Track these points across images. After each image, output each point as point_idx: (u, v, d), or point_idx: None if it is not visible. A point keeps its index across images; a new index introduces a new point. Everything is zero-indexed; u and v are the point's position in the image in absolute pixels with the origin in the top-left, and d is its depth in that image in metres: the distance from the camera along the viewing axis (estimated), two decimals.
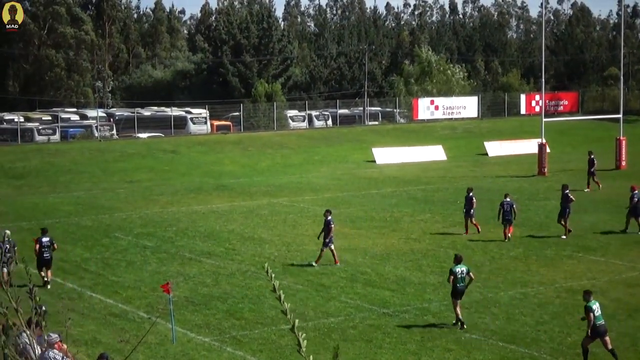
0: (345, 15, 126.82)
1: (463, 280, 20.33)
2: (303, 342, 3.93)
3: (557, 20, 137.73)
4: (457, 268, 20.43)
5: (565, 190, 30.63)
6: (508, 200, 30.40)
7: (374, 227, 33.04)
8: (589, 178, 41.96)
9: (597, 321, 17.58)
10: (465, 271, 20.50)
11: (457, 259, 20.91)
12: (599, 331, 17.56)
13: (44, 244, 25.02)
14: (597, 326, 17.54)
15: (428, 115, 71.95)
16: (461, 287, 20.24)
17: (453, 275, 20.29)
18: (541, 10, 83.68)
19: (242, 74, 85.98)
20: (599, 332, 17.56)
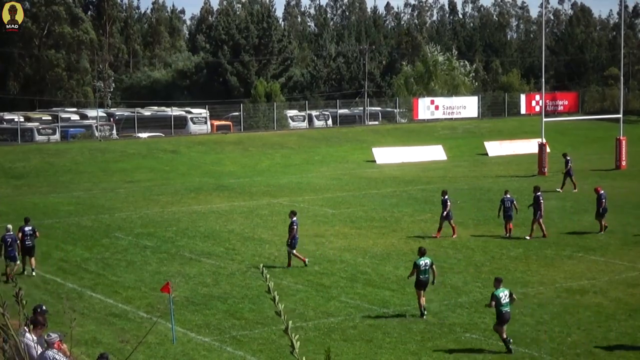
0: (345, 15, 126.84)
1: (426, 273, 20.99)
2: (296, 343, 3.95)
3: (557, 20, 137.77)
4: (420, 261, 21.02)
5: (537, 192, 30.56)
6: (508, 197, 30.95)
7: (374, 227, 33.03)
8: (564, 179, 41.89)
9: (503, 308, 18.32)
10: (428, 264, 21.08)
11: (420, 251, 21.51)
12: (503, 318, 18.31)
13: (26, 232, 25.99)
14: (503, 313, 18.34)
15: (428, 115, 71.97)
16: (424, 279, 20.94)
17: (417, 268, 20.97)
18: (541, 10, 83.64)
19: (241, 73, 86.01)
20: (504, 319, 18.32)
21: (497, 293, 18.44)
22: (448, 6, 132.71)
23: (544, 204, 30.41)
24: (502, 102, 79.32)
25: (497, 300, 18.35)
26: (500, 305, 18.31)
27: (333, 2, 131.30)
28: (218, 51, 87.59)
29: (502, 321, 18.41)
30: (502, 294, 18.42)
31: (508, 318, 18.45)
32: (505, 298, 18.42)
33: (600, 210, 31.02)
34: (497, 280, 18.97)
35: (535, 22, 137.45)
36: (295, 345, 3.90)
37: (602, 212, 30.95)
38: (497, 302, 18.34)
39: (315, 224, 33.92)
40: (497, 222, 32.53)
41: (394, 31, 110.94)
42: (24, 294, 4.27)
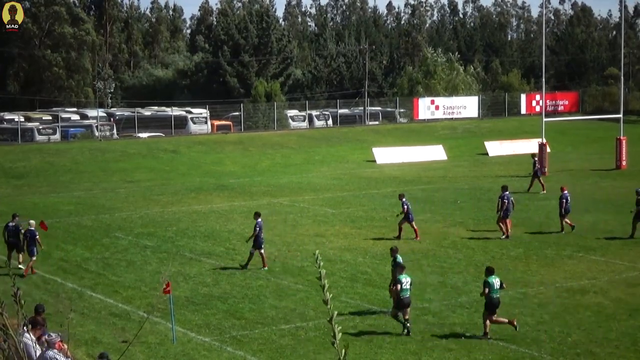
0: (345, 15, 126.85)
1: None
2: (339, 334, 3.90)
3: (557, 20, 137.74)
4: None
5: (504, 191, 30.52)
6: (507, 194, 30.92)
7: (374, 227, 33.03)
8: (535, 180, 41.73)
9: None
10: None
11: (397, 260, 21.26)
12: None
13: (9, 228, 26.78)
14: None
15: (428, 115, 71.99)
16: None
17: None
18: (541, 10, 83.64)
19: (241, 73, 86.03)
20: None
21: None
22: (448, 6, 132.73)
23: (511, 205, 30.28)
24: (503, 102, 79.33)
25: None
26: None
27: (334, 2, 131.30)
28: (218, 51, 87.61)
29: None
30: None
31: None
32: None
33: (562, 210, 30.98)
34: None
35: (535, 22, 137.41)
36: (337, 335, 3.86)
37: (565, 212, 30.94)
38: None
39: (315, 224, 33.93)
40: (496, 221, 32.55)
41: (394, 31, 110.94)
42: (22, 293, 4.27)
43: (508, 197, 30.11)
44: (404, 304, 19.46)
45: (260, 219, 26.58)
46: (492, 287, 19.13)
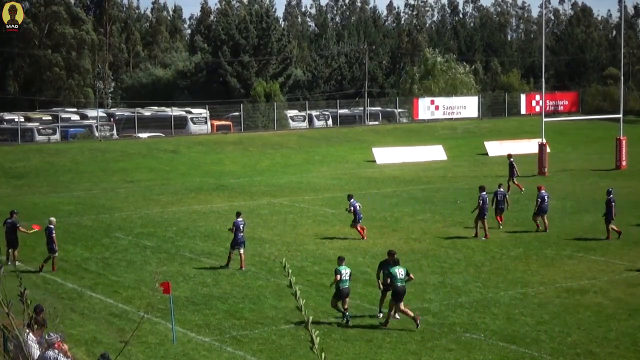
0: (345, 15, 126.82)
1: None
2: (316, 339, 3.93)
3: (557, 20, 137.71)
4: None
5: (482, 191, 30.69)
6: (501, 190, 32.10)
7: (374, 227, 33.00)
8: (510, 180, 41.79)
9: (342, 285, 20.27)
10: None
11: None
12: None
13: (7, 224, 27.22)
14: (341, 289, 20.25)
15: (428, 115, 72.00)
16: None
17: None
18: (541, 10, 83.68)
19: (241, 74, 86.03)
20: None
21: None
22: (449, 6, 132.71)
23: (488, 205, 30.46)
24: (502, 102, 79.33)
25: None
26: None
27: (334, 2, 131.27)
28: (218, 51, 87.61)
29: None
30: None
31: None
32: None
33: (537, 209, 31.24)
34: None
35: (535, 22, 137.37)
36: (315, 340, 3.88)
37: (540, 212, 31.17)
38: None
39: (315, 224, 33.93)
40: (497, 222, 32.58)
41: (394, 31, 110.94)
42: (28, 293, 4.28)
43: (484, 198, 30.34)
44: (343, 294, 20.42)
45: (239, 218, 26.70)
46: (396, 277, 20.00)
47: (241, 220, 26.76)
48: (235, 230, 26.34)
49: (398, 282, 20.03)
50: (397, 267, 20.35)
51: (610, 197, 29.93)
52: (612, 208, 29.67)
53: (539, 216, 31.33)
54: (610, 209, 29.67)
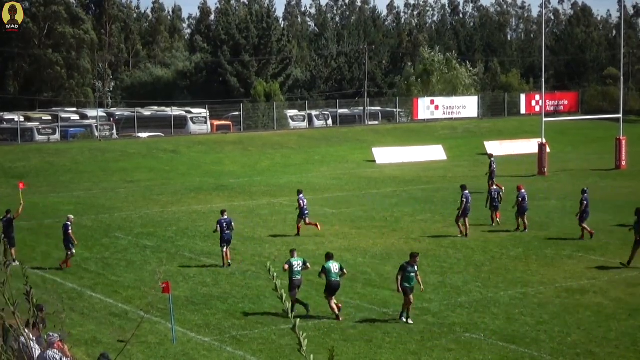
0: (345, 15, 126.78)
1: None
2: (304, 341, 3.94)
3: (557, 20, 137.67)
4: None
5: (464, 190, 30.88)
6: (495, 188, 32.95)
7: (374, 227, 33.03)
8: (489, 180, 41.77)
9: (294, 276, 21.15)
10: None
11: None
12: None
13: (3, 223, 27.55)
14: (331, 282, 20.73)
15: (428, 115, 72.00)
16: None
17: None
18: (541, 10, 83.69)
19: (241, 73, 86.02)
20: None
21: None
22: (449, 6, 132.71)
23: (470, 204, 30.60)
24: (502, 102, 79.34)
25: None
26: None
27: (334, 2, 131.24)
28: (218, 51, 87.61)
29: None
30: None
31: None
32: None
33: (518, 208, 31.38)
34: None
35: (535, 22, 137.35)
36: (303, 343, 3.89)
37: (522, 211, 31.32)
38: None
39: None
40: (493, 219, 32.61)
41: (394, 31, 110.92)
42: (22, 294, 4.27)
43: (467, 196, 30.48)
44: (294, 285, 21.16)
45: (224, 216, 26.97)
46: (330, 271, 20.67)
47: (226, 217, 26.96)
48: (219, 228, 26.58)
49: (332, 277, 20.68)
50: (332, 261, 20.96)
51: (584, 196, 30.04)
52: (586, 208, 29.82)
53: (520, 216, 31.48)
54: (585, 208, 29.80)
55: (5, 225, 27.57)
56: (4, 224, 27.62)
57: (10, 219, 27.75)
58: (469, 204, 30.50)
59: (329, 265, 20.89)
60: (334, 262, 21.01)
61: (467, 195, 30.56)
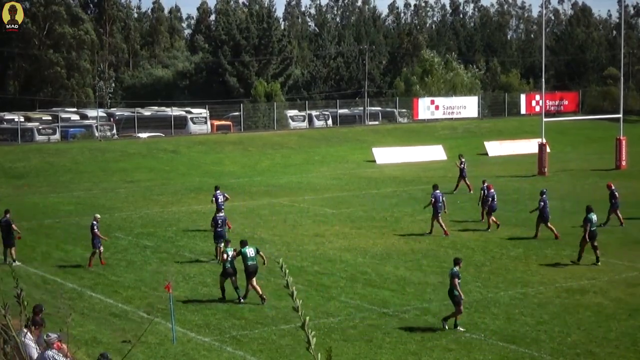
0: (345, 15, 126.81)
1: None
2: (313, 339, 3.92)
3: (557, 20, 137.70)
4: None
5: (435, 190, 31.11)
6: (437, 192, 32.29)
7: (374, 227, 33.03)
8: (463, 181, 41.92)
9: (249, 262, 22.23)
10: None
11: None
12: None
13: (2, 223, 27.53)
14: (248, 266, 22.18)
15: (428, 115, 71.99)
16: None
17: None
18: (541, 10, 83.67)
19: (241, 73, 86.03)
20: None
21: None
22: (450, 6, 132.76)
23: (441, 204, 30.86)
24: (502, 102, 79.33)
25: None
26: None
27: (333, 2, 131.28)
28: (218, 51, 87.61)
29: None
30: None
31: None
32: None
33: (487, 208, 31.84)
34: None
35: (535, 22, 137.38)
36: (312, 341, 3.87)
37: (490, 210, 31.73)
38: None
39: (315, 224, 33.93)
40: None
41: (394, 31, 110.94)
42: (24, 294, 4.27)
43: (437, 196, 30.81)
44: (228, 273, 22.41)
45: (220, 213, 28.09)
46: (246, 256, 22.16)
47: (221, 215, 28.05)
48: (214, 225, 27.41)
49: (249, 261, 22.15)
50: (247, 247, 22.41)
51: (543, 197, 30.23)
52: (545, 208, 29.96)
53: (490, 215, 31.80)
54: (544, 209, 29.96)
55: (4, 227, 27.54)
56: (3, 225, 27.57)
57: (9, 221, 27.64)
58: (439, 203, 30.84)
59: (245, 250, 22.32)
60: (249, 247, 22.47)
61: (437, 194, 30.92)
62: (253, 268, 22.22)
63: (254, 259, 22.33)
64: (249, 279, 22.22)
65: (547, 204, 30.13)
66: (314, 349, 3.89)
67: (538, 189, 41.49)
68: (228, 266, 22.43)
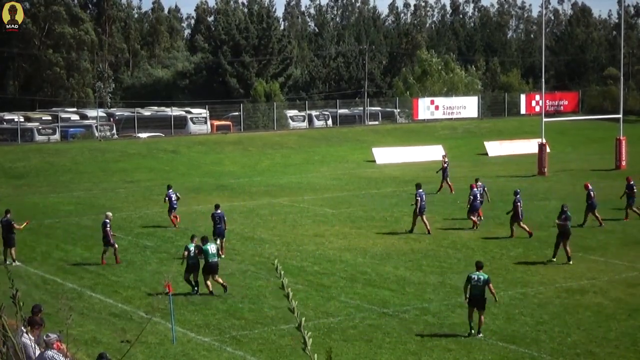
0: (345, 15, 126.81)
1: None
2: (309, 340, 3.92)
3: (557, 20, 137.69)
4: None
5: (418, 189, 31.66)
6: (480, 184, 33.65)
7: (374, 227, 33.03)
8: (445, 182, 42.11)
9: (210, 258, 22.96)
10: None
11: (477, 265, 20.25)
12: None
13: (3, 223, 27.51)
14: (209, 262, 22.94)
15: (428, 115, 71.98)
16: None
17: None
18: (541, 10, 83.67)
19: (241, 74, 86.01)
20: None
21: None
22: (450, 6, 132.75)
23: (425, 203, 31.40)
24: (502, 102, 79.33)
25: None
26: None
27: (333, 2, 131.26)
28: (218, 51, 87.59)
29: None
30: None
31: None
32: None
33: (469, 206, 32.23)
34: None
35: (535, 22, 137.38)
36: (308, 342, 3.87)
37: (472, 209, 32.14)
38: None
39: (315, 224, 33.93)
40: (497, 222, 32.66)
41: (394, 31, 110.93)
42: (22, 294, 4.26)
43: (421, 195, 31.32)
44: (191, 267, 23.25)
45: (218, 210, 28.67)
46: (207, 252, 22.96)
47: (219, 212, 28.65)
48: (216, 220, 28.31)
49: (210, 258, 22.96)
50: (210, 243, 23.41)
51: (517, 197, 30.39)
52: (518, 208, 30.16)
53: (472, 213, 32.07)
54: (517, 209, 30.14)
55: (5, 226, 27.52)
56: (3, 225, 27.57)
57: (10, 221, 27.63)
58: (424, 202, 31.34)
59: (206, 247, 23.12)
60: (211, 244, 23.44)
61: (421, 193, 31.40)
62: (214, 264, 23.12)
63: (215, 255, 23.28)
64: (208, 274, 23.06)
65: (521, 203, 30.31)
66: (310, 350, 3.89)
67: (538, 189, 41.64)
68: (191, 262, 23.24)
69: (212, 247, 23.34)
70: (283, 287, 3.92)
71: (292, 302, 3.94)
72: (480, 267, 19.83)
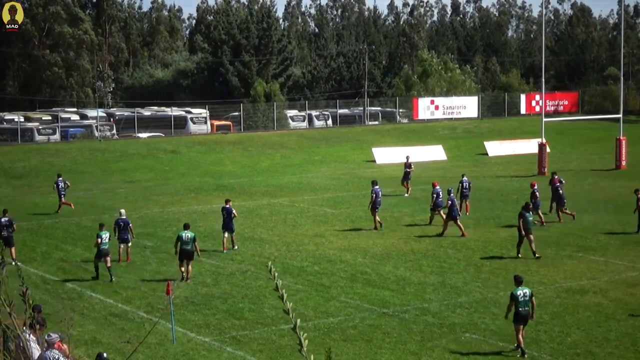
0: (345, 15, 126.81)
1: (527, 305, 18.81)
2: (304, 341, 3.92)
3: (557, 21, 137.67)
4: (518, 291, 18.59)
5: (374, 185, 32.63)
6: (465, 179, 35.20)
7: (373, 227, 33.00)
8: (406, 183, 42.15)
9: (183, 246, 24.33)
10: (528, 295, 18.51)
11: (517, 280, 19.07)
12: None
13: (3, 223, 27.58)
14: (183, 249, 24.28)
15: (428, 115, 71.99)
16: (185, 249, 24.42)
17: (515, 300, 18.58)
18: (541, 10, 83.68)
19: (241, 73, 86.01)
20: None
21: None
22: (451, 6, 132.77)
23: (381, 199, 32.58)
24: (502, 102, 79.33)
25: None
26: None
27: (333, 2, 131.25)
28: (218, 51, 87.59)
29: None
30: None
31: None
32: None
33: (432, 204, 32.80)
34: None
35: (535, 22, 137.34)
36: (304, 343, 3.87)
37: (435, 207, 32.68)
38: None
39: (315, 224, 33.93)
40: (497, 222, 32.72)
41: (394, 31, 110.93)
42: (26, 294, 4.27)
43: (377, 192, 32.22)
44: (101, 254, 24.92)
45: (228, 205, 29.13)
46: (182, 238, 24.32)
47: (228, 206, 29.10)
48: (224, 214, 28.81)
49: (183, 245, 24.31)
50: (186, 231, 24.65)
51: (451, 196, 31.05)
52: (455, 206, 30.79)
53: (435, 211, 32.58)
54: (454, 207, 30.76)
55: (5, 226, 27.51)
56: (3, 226, 27.55)
57: (11, 220, 27.63)
58: (379, 198, 32.32)
59: (181, 233, 24.63)
60: (186, 232, 24.64)
61: (377, 190, 32.32)
62: (186, 252, 24.35)
63: (189, 243, 24.39)
64: (182, 261, 24.47)
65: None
66: (307, 351, 3.89)
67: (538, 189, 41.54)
68: (102, 248, 24.76)
69: (187, 235, 24.48)
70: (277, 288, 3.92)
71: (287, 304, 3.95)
72: (521, 281, 18.73)
